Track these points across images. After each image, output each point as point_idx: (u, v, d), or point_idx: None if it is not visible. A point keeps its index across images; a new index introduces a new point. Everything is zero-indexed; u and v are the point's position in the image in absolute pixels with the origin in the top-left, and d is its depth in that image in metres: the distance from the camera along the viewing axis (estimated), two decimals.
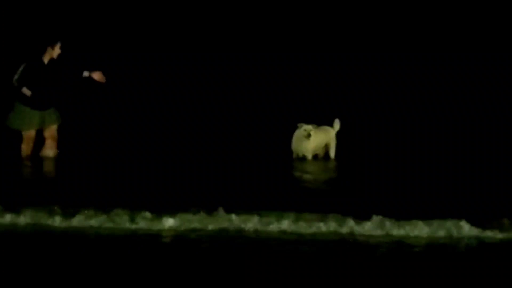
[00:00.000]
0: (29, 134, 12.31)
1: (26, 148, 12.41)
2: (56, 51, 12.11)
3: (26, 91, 12.02)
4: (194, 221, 8.49)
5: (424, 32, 16.63)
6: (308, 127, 11.93)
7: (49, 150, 12.42)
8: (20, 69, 12.04)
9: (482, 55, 15.57)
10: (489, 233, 8.29)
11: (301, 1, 17.60)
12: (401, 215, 8.37)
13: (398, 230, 8.30)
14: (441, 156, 11.97)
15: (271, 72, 16.25)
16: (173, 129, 13.63)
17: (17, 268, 7.13)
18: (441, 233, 8.26)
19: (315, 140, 12.02)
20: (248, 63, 16.54)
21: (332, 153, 12.29)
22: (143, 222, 8.50)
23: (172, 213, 8.53)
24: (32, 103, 12.14)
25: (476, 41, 16.01)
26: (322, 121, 11.90)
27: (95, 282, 6.79)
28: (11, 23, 16.43)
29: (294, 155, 12.11)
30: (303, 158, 11.91)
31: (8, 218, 8.69)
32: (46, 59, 12.13)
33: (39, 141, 12.33)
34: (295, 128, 11.87)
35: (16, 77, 12.00)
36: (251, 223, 8.45)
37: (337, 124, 12.37)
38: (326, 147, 12.32)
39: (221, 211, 8.56)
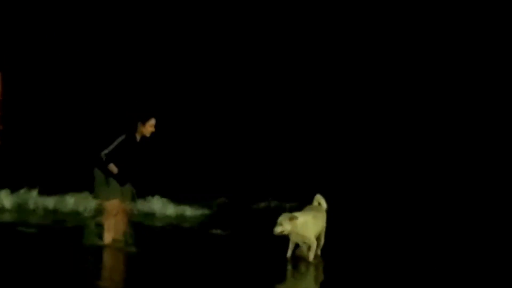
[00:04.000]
0: (116, 203, 11.53)
1: (118, 225, 11.62)
2: (148, 129, 11.34)
3: (113, 168, 11.26)
4: None
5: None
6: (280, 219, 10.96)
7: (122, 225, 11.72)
8: (114, 145, 11.25)
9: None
10: None
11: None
12: None
13: None
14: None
15: None
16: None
17: None
18: None
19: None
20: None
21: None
22: None
23: None
24: (116, 177, 11.40)
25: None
26: None
27: None
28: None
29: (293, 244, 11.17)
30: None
31: None
32: (138, 136, 11.40)
33: None
34: None
35: (106, 151, 11.21)
36: None
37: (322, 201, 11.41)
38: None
39: None
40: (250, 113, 18.68)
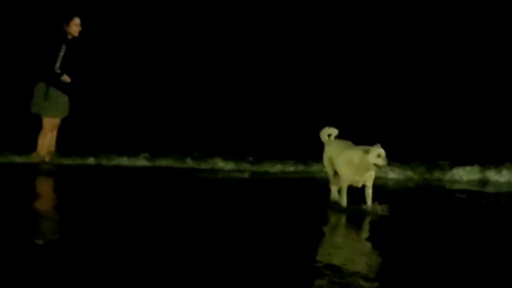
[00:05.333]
0: (58, 122, 11.42)
1: (52, 140, 11.43)
2: (74, 28, 11.14)
3: (66, 78, 11.17)
4: None
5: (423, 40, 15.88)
6: (383, 150, 8.19)
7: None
8: (61, 54, 11.09)
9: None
10: None
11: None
12: None
13: None
14: None
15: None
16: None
17: None
18: None
19: None
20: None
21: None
22: None
23: None
24: (66, 88, 11.24)
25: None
26: None
27: None
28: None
29: (345, 186, 8.46)
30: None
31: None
32: (70, 38, 11.21)
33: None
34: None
35: (58, 64, 11.09)
36: None
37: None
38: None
39: None
40: None
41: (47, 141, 11.40)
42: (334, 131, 8.85)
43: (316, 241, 6.94)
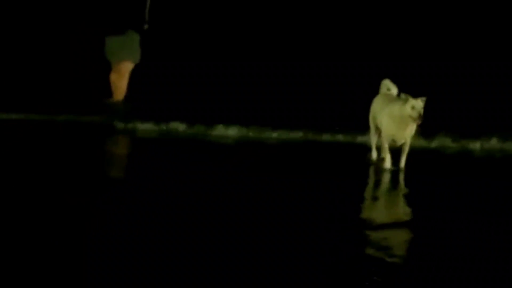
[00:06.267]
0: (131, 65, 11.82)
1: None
2: None
3: (146, 26, 11.64)
4: None
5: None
6: (419, 103, 7.78)
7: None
8: (147, 9, 11.49)
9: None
10: None
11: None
12: None
13: None
14: None
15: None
16: None
17: None
18: None
19: None
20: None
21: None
22: None
23: None
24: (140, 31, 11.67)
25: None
26: None
27: None
28: None
29: (386, 143, 8.20)
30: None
31: None
32: None
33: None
34: None
35: (147, 17, 11.55)
36: None
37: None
38: None
39: None
40: None
41: (125, 84, 11.76)
42: (393, 88, 8.55)
43: (354, 201, 6.80)
